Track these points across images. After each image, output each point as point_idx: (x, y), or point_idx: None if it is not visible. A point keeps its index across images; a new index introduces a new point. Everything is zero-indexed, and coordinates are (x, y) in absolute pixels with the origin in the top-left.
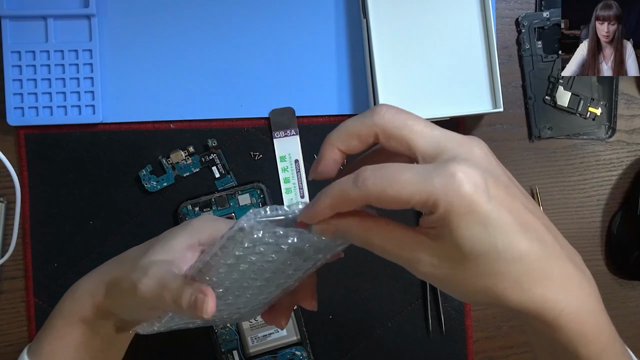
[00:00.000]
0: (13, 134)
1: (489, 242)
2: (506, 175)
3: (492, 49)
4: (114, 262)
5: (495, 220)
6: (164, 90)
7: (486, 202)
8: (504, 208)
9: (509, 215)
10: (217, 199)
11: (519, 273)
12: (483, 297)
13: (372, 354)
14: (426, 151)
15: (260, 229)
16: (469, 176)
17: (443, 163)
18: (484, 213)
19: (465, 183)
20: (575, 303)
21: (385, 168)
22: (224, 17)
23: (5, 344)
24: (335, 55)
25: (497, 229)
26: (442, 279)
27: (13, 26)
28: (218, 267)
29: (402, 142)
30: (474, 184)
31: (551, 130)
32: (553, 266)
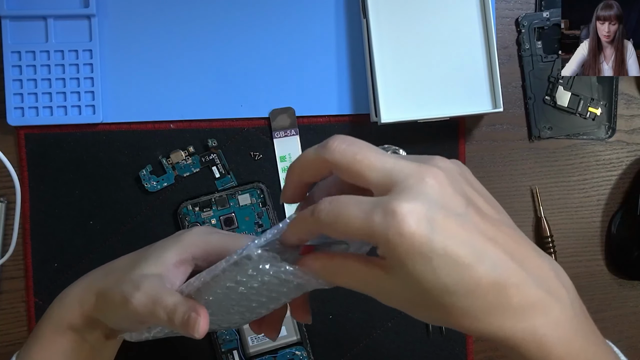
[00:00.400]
0: (13, 134)
1: (436, 279)
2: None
3: (492, 49)
4: (103, 271)
5: (441, 257)
6: (164, 90)
7: (429, 240)
8: (453, 242)
9: (459, 249)
10: (217, 199)
11: (472, 306)
12: (445, 324)
13: (372, 354)
14: (378, 184)
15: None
16: (411, 213)
17: (387, 199)
18: (428, 251)
19: (407, 221)
20: (540, 330)
21: (337, 201)
22: (224, 17)
23: (5, 343)
24: (335, 55)
25: (444, 265)
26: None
27: (13, 26)
28: (216, 288)
29: (353, 176)
30: (416, 221)
31: (551, 130)
32: (512, 295)
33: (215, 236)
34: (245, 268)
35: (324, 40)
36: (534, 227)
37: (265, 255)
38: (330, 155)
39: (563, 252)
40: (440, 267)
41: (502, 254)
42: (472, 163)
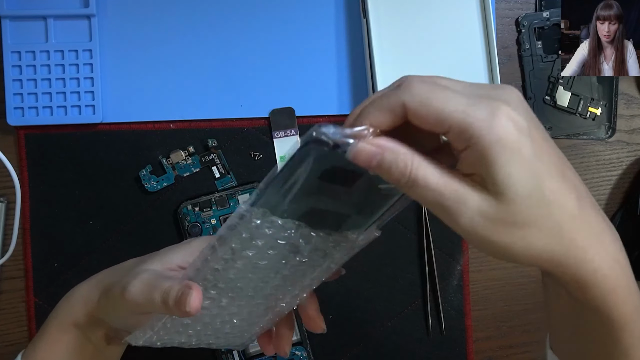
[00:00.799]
0: (13, 134)
1: (534, 184)
2: (541, 125)
3: (492, 49)
4: (111, 270)
5: (538, 164)
6: (164, 90)
7: (529, 143)
8: (545, 154)
9: (550, 161)
10: (217, 199)
11: (563, 218)
12: (522, 248)
13: (372, 354)
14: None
15: (259, 218)
16: (513, 116)
17: (489, 98)
18: (528, 155)
19: (510, 122)
20: (610, 258)
21: (433, 81)
22: (224, 17)
23: (5, 343)
24: (335, 55)
25: (541, 172)
26: (485, 226)
27: (13, 26)
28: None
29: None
30: (518, 125)
31: (551, 130)
32: (591, 218)
33: None
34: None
35: (324, 41)
36: None
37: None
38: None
39: None
40: (538, 174)
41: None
42: None
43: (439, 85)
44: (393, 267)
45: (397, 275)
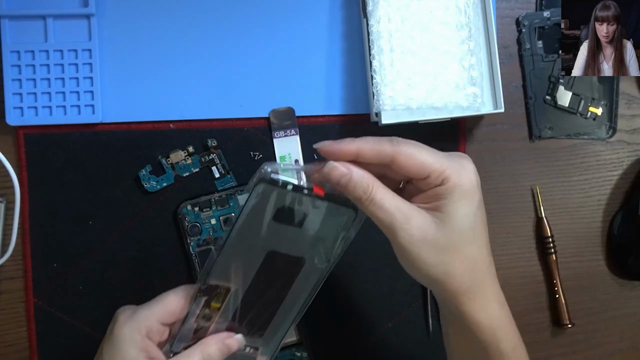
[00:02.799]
0: (12, 134)
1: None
2: None
3: (493, 48)
4: None
5: (480, 211)
6: (164, 90)
7: (479, 196)
8: (482, 207)
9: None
10: (216, 199)
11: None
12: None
13: (372, 354)
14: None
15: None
16: (474, 172)
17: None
18: (476, 202)
19: (473, 174)
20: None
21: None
22: (224, 17)
23: (5, 344)
24: (335, 55)
25: (479, 217)
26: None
27: (12, 26)
28: None
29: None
30: (477, 179)
31: (552, 130)
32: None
33: None
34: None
35: (323, 40)
36: (534, 227)
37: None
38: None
39: (564, 252)
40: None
41: None
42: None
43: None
44: (393, 267)
45: (397, 276)
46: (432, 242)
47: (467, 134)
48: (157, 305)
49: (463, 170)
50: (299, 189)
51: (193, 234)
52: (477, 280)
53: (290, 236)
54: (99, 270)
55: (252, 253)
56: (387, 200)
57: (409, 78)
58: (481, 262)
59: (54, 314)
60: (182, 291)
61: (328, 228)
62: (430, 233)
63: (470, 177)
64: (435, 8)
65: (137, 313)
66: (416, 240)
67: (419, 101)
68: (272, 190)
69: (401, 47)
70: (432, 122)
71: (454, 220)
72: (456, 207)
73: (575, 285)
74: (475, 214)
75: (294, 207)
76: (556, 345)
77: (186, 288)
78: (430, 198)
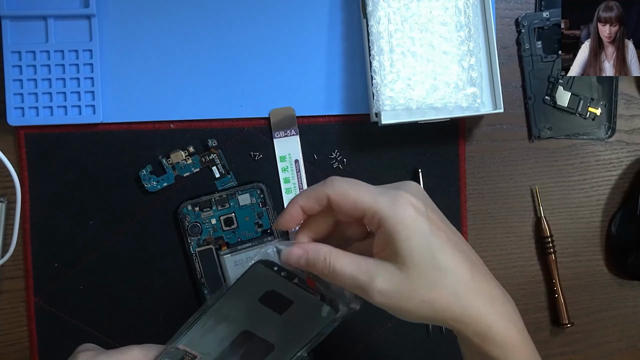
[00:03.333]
0: (13, 134)
1: (430, 254)
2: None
3: (492, 49)
4: None
5: (433, 237)
6: (164, 90)
7: (426, 222)
8: (440, 230)
9: (444, 235)
10: (217, 199)
11: (456, 284)
12: (428, 310)
13: (372, 354)
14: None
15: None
16: (411, 201)
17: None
18: (425, 230)
19: (409, 205)
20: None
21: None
22: (224, 17)
23: (6, 344)
24: (335, 55)
25: (435, 244)
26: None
27: (13, 26)
28: None
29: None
30: (416, 207)
31: (551, 130)
32: (482, 283)
33: None
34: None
35: (323, 40)
36: (534, 227)
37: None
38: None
39: (563, 252)
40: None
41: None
42: (472, 163)
43: (357, 184)
44: None
45: None
46: (405, 289)
47: (466, 134)
48: (119, 357)
49: (397, 205)
50: (292, 277)
51: (193, 234)
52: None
53: (268, 320)
54: (99, 270)
55: (228, 327)
56: (347, 266)
57: (408, 78)
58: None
59: (55, 314)
60: (148, 350)
61: (307, 321)
62: (398, 282)
63: (405, 209)
64: (435, 8)
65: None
66: (389, 294)
67: (418, 101)
68: (267, 273)
69: (401, 48)
70: (432, 122)
71: (412, 260)
72: (407, 246)
73: (575, 284)
74: (430, 243)
75: (282, 294)
76: (555, 345)
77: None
78: (383, 244)
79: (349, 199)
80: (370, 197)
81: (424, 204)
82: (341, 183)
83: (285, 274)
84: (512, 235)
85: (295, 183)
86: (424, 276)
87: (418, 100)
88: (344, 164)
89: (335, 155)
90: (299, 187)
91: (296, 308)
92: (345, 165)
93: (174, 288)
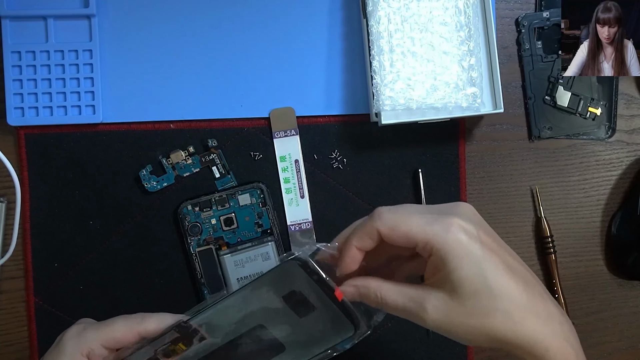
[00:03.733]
0: (13, 134)
1: (482, 280)
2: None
3: (492, 49)
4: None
5: (486, 262)
6: (164, 90)
7: (478, 247)
8: (493, 252)
9: (497, 258)
10: (217, 199)
11: (510, 308)
12: (482, 335)
13: (372, 354)
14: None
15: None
16: (463, 226)
17: (444, 215)
18: (477, 256)
19: (461, 231)
20: (559, 338)
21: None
22: (224, 17)
23: (6, 343)
24: (335, 55)
25: (488, 269)
26: (447, 322)
27: (13, 26)
28: None
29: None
30: (467, 232)
31: (551, 130)
32: (538, 303)
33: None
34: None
35: (324, 40)
36: (534, 227)
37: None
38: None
39: (563, 252)
40: (485, 271)
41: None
42: (472, 163)
43: (405, 212)
44: None
45: None
46: (457, 317)
47: (466, 134)
48: (104, 328)
49: (448, 232)
50: (322, 283)
51: (193, 234)
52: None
53: (286, 321)
54: (99, 270)
55: (244, 317)
56: (399, 298)
57: (408, 78)
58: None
59: (55, 314)
60: (132, 320)
61: (325, 331)
62: (450, 310)
63: (456, 236)
64: (435, 8)
65: (85, 331)
66: (442, 321)
67: (418, 101)
68: (299, 272)
69: (401, 48)
70: (432, 122)
71: (464, 288)
72: (458, 275)
73: (575, 284)
74: (482, 269)
75: (307, 297)
76: None
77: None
78: (434, 270)
79: (399, 232)
80: (421, 228)
81: (475, 226)
82: (389, 215)
83: (316, 278)
84: (512, 235)
85: (295, 183)
86: (476, 303)
87: (418, 100)
88: (344, 164)
89: (335, 155)
90: (299, 187)
91: (317, 315)
92: (345, 165)
93: (174, 288)
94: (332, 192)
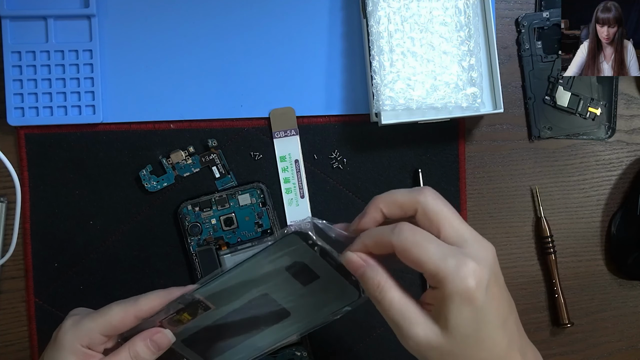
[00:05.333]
0: (13, 134)
1: (475, 330)
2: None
3: (492, 49)
4: None
5: (485, 313)
6: (164, 90)
7: (483, 296)
8: (494, 304)
9: (496, 312)
10: (217, 199)
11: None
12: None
13: (372, 354)
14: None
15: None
16: (477, 273)
17: (462, 252)
18: (479, 304)
19: (472, 276)
20: None
21: (420, 232)
22: (224, 17)
23: (6, 343)
24: (335, 55)
25: (484, 321)
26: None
27: (13, 26)
28: None
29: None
30: (479, 279)
31: (551, 130)
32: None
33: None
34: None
35: (323, 40)
36: (534, 227)
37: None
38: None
39: (563, 252)
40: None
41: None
42: (472, 163)
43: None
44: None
45: (397, 276)
46: (437, 349)
47: (466, 134)
48: (100, 317)
49: (459, 273)
50: (324, 254)
51: (193, 234)
52: None
53: (291, 289)
54: (99, 270)
55: (249, 287)
56: (395, 304)
57: (408, 78)
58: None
59: (55, 314)
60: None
61: (328, 297)
62: (434, 340)
63: (466, 280)
64: (435, 9)
65: (81, 322)
66: (421, 347)
67: (418, 101)
68: (301, 244)
69: (401, 48)
70: (432, 122)
71: (455, 329)
72: (455, 315)
73: (575, 284)
74: (478, 318)
75: (310, 267)
76: (555, 345)
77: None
78: (434, 299)
79: (411, 255)
80: (433, 260)
81: (489, 274)
82: (407, 235)
83: (318, 249)
84: (512, 235)
85: (295, 183)
86: (461, 345)
87: (418, 100)
88: (344, 164)
89: (335, 155)
90: (299, 187)
91: (321, 283)
92: (345, 165)
93: None
94: (332, 192)
